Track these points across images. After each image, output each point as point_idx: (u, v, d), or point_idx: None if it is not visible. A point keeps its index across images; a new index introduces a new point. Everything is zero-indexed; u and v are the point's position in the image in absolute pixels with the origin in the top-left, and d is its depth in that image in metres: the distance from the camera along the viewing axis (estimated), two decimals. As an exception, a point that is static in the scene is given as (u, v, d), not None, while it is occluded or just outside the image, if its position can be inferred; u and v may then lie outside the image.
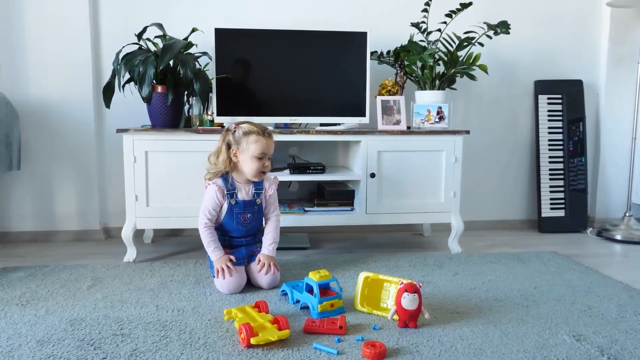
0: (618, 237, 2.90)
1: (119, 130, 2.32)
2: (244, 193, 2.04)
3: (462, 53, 2.69)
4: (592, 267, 2.32)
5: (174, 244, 2.76)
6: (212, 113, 2.54)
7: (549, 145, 3.14)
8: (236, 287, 1.94)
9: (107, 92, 2.40)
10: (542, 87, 3.15)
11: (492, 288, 2.03)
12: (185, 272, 2.19)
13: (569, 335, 1.59)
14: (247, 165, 1.98)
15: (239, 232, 2.06)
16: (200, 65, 2.56)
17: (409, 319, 1.63)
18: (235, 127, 2.00)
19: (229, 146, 1.99)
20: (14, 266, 2.27)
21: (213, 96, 2.51)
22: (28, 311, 1.75)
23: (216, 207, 2.01)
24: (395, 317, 1.66)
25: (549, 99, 3.15)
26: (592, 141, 3.25)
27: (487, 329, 1.63)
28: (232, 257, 2.00)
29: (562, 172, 3.15)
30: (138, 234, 2.51)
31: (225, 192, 2.01)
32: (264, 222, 2.14)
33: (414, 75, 2.75)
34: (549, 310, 1.80)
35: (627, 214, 2.99)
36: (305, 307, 1.78)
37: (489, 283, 2.08)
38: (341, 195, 2.59)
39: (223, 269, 1.94)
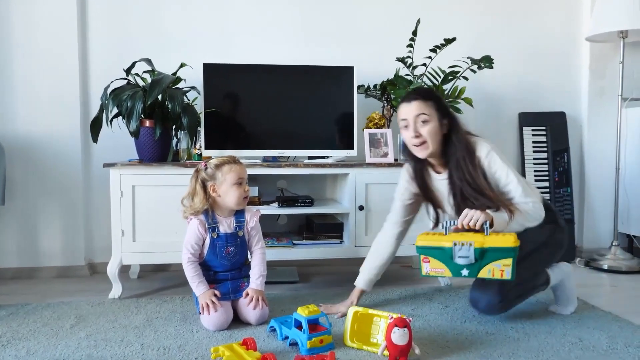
0: (605, 267, 2.91)
1: (106, 165, 2.32)
2: (226, 226, 2.03)
3: (447, 86, 2.74)
4: (581, 298, 2.31)
5: (161, 279, 2.72)
6: (200, 147, 2.54)
7: (535, 176, 3.18)
8: (222, 323, 1.91)
9: (95, 127, 2.41)
10: (526, 119, 3.21)
11: (483, 320, 2.01)
12: (171, 309, 2.15)
13: (560, 368, 1.58)
14: (229, 195, 1.98)
15: (223, 267, 2.04)
16: (188, 100, 2.58)
17: (400, 354, 1.60)
18: (205, 165, 2.01)
19: (203, 184, 2.00)
20: (-5, 304, 2.22)
21: (201, 130, 2.52)
22: (8, 352, 1.70)
23: (199, 240, 2.00)
24: (386, 352, 1.63)
25: (533, 130, 3.21)
26: (577, 171, 3.29)
27: (479, 364, 1.61)
28: (216, 292, 1.97)
29: (548, 202, 3.16)
30: (124, 270, 2.46)
31: (207, 226, 2.00)
32: (249, 255, 2.13)
33: (400, 108, 2.78)
34: (540, 342, 1.78)
35: (613, 244, 3.01)
36: (294, 344, 1.75)
37: (479, 316, 2.07)
38: (330, 228, 2.59)
39: (208, 305, 1.91)
